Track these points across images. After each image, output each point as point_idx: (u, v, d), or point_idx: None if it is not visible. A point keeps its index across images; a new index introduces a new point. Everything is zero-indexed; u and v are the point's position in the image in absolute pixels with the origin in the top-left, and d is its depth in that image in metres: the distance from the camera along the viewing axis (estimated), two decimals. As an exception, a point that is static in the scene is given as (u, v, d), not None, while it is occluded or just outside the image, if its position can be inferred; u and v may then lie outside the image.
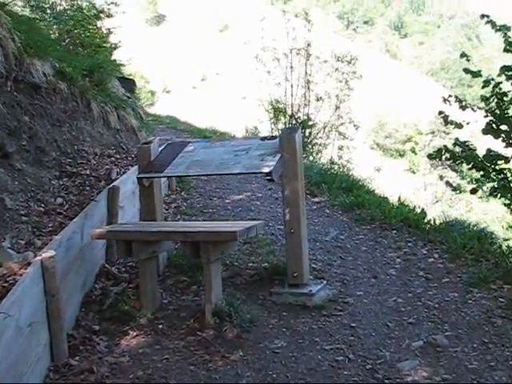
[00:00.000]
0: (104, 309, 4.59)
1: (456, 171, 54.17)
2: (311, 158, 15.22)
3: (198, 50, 79.04)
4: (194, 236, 4.07)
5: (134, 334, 4.26)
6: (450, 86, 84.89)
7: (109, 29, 13.41)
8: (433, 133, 55.63)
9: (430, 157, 6.99)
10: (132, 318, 4.42)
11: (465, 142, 6.97)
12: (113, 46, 19.18)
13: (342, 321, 4.31)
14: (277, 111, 16.38)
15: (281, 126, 16.27)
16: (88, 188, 5.79)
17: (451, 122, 7.07)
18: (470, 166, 6.71)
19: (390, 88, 68.56)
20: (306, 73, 16.12)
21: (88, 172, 6.14)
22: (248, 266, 5.38)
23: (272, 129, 16.53)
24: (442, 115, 7.13)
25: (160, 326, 4.34)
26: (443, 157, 6.86)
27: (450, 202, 52.99)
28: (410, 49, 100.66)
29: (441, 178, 54.94)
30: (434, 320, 4.22)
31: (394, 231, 6.40)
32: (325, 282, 4.94)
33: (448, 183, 55.03)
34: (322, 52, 16.83)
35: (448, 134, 53.96)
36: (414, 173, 59.60)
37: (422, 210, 6.96)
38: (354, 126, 16.68)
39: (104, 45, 16.92)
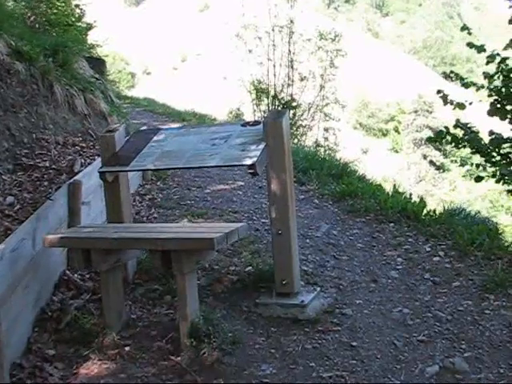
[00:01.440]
0: (61, 328, 3.91)
1: (439, 150, 53.94)
2: (296, 140, 14.62)
3: (178, 30, 77.80)
4: (164, 244, 3.39)
5: (96, 359, 3.58)
6: (433, 65, 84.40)
7: (77, 5, 12.50)
8: (416, 112, 55.32)
9: (429, 140, 6.38)
10: (94, 339, 3.75)
11: (466, 123, 6.36)
12: (88, 25, 18.29)
13: (341, 338, 3.67)
14: (259, 92, 15.70)
15: (264, 107, 15.65)
16: (46, 183, 5.07)
17: (451, 102, 6.46)
18: (473, 150, 6.12)
19: (372, 67, 67.99)
20: (290, 51, 15.45)
21: (47, 164, 5.41)
22: (230, 269, 4.71)
23: (254, 110, 15.88)
24: (441, 94, 6.51)
25: (126, 349, 3.67)
26: (443, 140, 6.25)
27: (434, 181, 52.84)
28: (392, 27, 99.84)
29: (424, 157, 54.73)
30: (449, 336, 3.59)
31: (392, 224, 5.77)
32: (318, 288, 4.29)
33: (431, 162, 54.83)
34: (305, 30, 16.14)
35: (431, 112, 53.88)
36: (397, 152, 59.32)
37: (421, 199, 6.33)
38: (340, 105, 16.05)
39: (76, 23, 16.04)
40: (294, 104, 15.34)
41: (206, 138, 4.27)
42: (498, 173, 6.03)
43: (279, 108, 15.07)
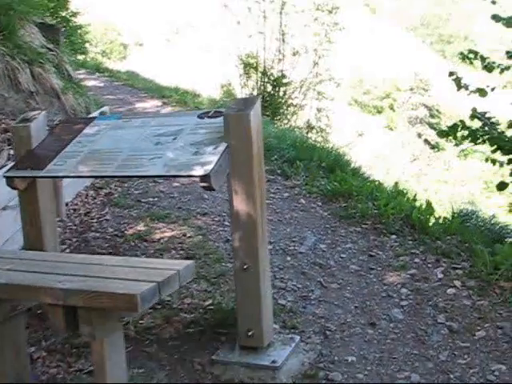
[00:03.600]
0: None
1: (435, 129, 52.70)
2: (286, 121, 13.50)
3: (172, -1, 75.59)
4: (66, 297, 2.30)
5: None
6: (430, 42, 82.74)
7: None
8: (411, 89, 54.10)
9: (441, 134, 5.29)
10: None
11: (484, 113, 5.28)
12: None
13: (325, 424, 2.61)
14: (247, 67, 14.48)
15: (252, 83, 14.45)
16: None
17: (466, 87, 5.37)
18: (493, 148, 5.05)
19: (368, 43, 66.33)
20: (281, 23, 14.17)
21: (-40, 157, 4.29)
22: (185, 304, 3.62)
23: (242, 86, 14.69)
24: (454, 77, 5.43)
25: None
26: (458, 134, 5.18)
27: (428, 160, 51.83)
28: (390, 3, 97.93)
29: (419, 135, 53.64)
30: (478, 429, 2.54)
31: (393, 236, 4.70)
32: (297, 337, 3.21)
33: (426, 141, 53.78)
34: (298, 0, 14.87)
35: (427, 90, 52.76)
36: (391, 130, 58.13)
37: (428, 203, 5.25)
38: (335, 83, 14.83)
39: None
40: (285, 81, 14.13)
41: (149, 132, 3.15)
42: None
43: (268, 85, 13.92)
